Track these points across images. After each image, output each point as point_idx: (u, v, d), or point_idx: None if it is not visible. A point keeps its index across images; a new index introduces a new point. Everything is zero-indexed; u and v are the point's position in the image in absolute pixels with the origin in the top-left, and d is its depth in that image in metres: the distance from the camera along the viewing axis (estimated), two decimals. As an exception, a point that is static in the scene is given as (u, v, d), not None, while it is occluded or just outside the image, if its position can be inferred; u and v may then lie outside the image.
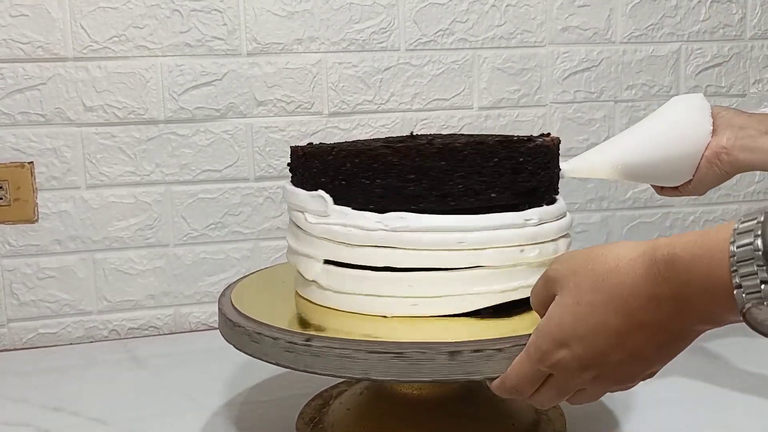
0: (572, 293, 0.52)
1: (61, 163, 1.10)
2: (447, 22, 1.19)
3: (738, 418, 0.80)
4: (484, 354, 0.58)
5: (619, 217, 1.30)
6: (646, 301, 0.48)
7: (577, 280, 0.52)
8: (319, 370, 0.62)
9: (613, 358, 0.51)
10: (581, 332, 0.51)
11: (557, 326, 0.53)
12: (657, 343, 0.50)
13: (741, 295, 0.42)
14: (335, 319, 0.69)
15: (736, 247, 0.42)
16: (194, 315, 1.17)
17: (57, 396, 0.91)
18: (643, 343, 0.50)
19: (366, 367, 0.60)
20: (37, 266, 1.11)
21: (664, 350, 0.51)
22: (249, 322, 0.67)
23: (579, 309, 0.51)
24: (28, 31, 1.07)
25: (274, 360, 0.64)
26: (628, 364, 0.51)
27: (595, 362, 0.52)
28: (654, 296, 0.47)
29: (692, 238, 0.46)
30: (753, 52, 1.31)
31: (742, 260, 0.42)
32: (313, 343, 0.62)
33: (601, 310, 0.50)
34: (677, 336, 0.49)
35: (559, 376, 0.54)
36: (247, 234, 1.17)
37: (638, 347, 0.50)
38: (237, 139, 1.15)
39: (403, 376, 0.60)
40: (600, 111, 1.27)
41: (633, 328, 0.49)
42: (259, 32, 1.14)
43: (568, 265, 0.53)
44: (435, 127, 1.21)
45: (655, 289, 0.47)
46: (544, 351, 0.53)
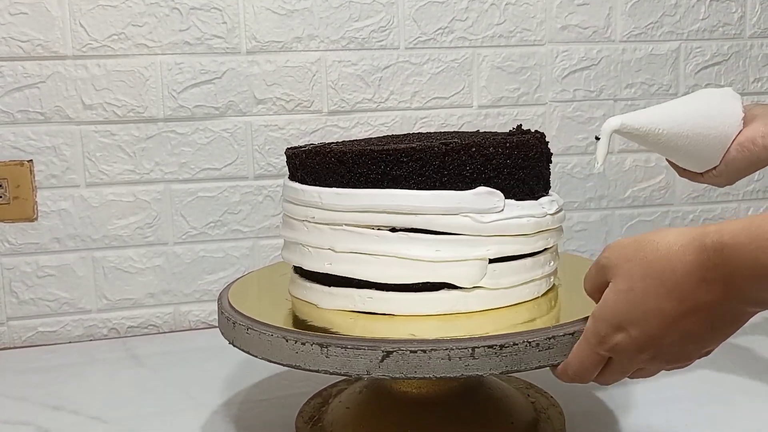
0: (625, 280, 0.55)
1: (61, 161, 1.10)
2: (447, 20, 1.19)
3: (738, 418, 0.80)
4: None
5: (618, 215, 1.30)
6: (697, 285, 0.51)
7: (630, 267, 0.55)
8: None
9: (667, 339, 0.54)
10: (636, 316, 0.54)
11: (613, 311, 0.55)
12: (709, 325, 0.52)
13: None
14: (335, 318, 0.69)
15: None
16: (194, 313, 1.17)
17: (57, 394, 0.91)
18: (696, 325, 0.52)
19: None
20: (36, 264, 1.11)
21: (716, 332, 0.53)
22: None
23: (633, 295, 0.54)
24: (28, 29, 1.07)
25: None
26: (682, 344, 0.54)
27: (650, 344, 0.54)
28: (705, 280, 0.50)
29: (740, 225, 0.48)
30: (752, 50, 1.31)
31: None
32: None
33: (654, 294, 0.53)
34: (729, 318, 0.52)
35: (617, 358, 0.57)
36: (247, 232, 1.17)
37: (691, 329, 0.53)
38: (236, 138, 1.15)
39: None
40: (599, 109, 1.27)
41: (686, 312, 0.52)
42: (258, 30, 1.14)
43: (620, 253, 0.56)
44: (434, 125, 1.21)
45: (705, 274, 0.50)
46: (603, 336, 0.56)
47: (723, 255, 0.49)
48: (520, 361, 0.60)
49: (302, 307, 0.74)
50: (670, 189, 1.31)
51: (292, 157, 0.74)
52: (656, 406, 0.82)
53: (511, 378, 0.85)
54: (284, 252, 0.76)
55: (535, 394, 0.82)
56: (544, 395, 0.82)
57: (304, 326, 0.68)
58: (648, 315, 0.53)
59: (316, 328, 0.67)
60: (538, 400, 0.81)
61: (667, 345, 0.54)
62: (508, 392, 0.79)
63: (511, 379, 0.84)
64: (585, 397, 0.85)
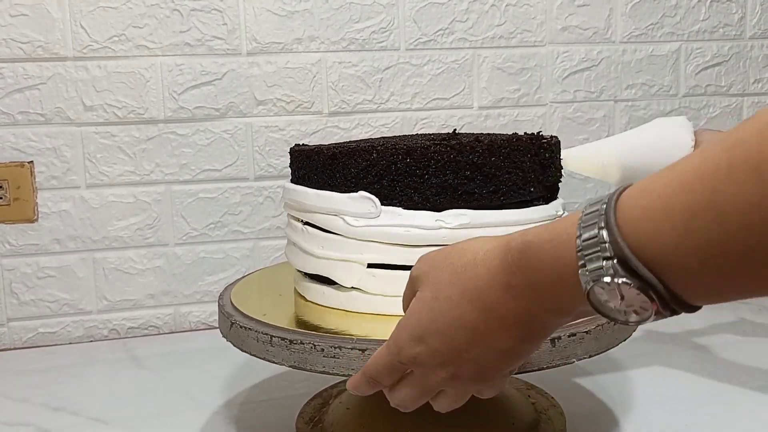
0: (431, 288, 0.51)
1: (61, 162, 1.10)
2: (447, 21, 1.19)
3: (738, 417, 0.80)
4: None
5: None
6: (502, 291, 0.47)
7: (436, 275, 0.51)
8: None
9: (470, 353, 0.50)
10: (438, 327, 0.50)
11: (415, 321, 0.52)
12: (515, 338, 0.48)
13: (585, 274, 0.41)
14: (334, 318, 0.69)
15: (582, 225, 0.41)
16: (194, 314, 1.17)
17: (57, 395, 0.91)
18: (501, 337, 0.48)
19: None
20: (36, 266, 1.11)
21: (521, 345, 0.49)
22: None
23: (437, 303, 0.50)
24: (28, 30, 1.07)
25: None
26: (485, 360, 0.50)
27: (452, 358, 0.50)
28: (509, 286, 0.46)
29: (547, 225, 0.45)
30: (753, 51, 1.31)
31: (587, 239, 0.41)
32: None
33: (458, 303, 0.49)
34: (534, 329, 0.48)
35: (416, 371, 0.53)
36: (247, 233, 1.17)
37: (496, 342, 0.49)
38: (237, 139, 1.15)
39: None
40: (600, 110, 1.27)
41: (490, 322, 0.48)
42: (258, 32, 1.14)
43: (429, 262, 0.53)
44: (435, 126, 1.21)
45: (510, 279, 0.46)
46: (401, 346, 0.52)
47: (526, 255, 0.45)
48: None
49: (303, 307, 0.74)
50: (671, 190, 1.30)
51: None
52: (656, 406, 0.82)
53: (512, 379, 0.85)
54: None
55: (535, 395, 0.82)
56: (544, 396, 0.82)
57: (304, 327, 0.69)
58: (450, 326, 0.49)
59: (316, 328, 0.67)
60: (539, 400, 0.81)
61: (470, 360, 0.50)
62: (509, 393, 0.79)
63: (511, 380, 0.84)
64: (585, 398, 0.85)
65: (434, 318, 0.50)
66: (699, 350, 0.98)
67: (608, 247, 0.39)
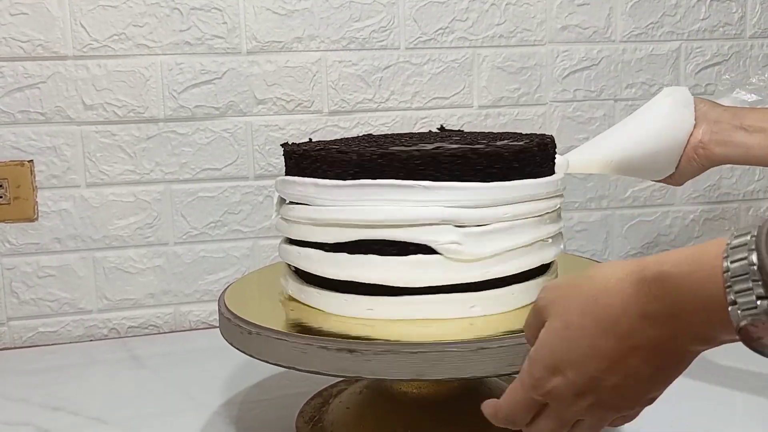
0: (561, 318, 0.50)
1: (61, 161, 1.10)
2: (447, 20, 1.19)
3: (739, 418, 0.80)
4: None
5: (618, 215, 1.30)
6: (638, 321, 0.46)
7: (566, 304, 0.50)
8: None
9: (607, 382, 0.49)
10: (573, 357, 0.49)
11: (549, 352, 0.51)
12: (653, 366, 0.48)
13: (736, 312, 0.41)
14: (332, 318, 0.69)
15: (729, 263, 0.41)
16: (194, 314, 1.17)
17: (57, 395, 0.91)
18: (638, 365, 0.48)
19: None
20: (37, 265, 1.11)
21: (660, 373, 0.49)
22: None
23: (569, 333, 0.50)
24: (28, 29, 1.07)
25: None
26: (624, 388, 0.49)
27: (589, 388, 0.49)
28: (645, 315, 0.46)
29: (682, 254, 0.44)
30: (753, 50, 1.31)
31: (736, 275, 0.41)
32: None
33: (592, 333, 0.48)
34: (673, 357, 0.48)
35: (554, 404, 0.52)
36: (247, 232, 1.17)
37: (633, 370, 0.48)
38: (237, 138, 1.15)
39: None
40: (600, 110, 1.27)
41: (626, 351, 0.47)
42: (258, 30, 1.14)
43: (556, 292, 0.52)
44: (435, 125, 1.21)
45: (646, 308, 0.46)
46: (537, 378, 0.51)
47: (664, 287, 0.44)
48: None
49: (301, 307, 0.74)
50: (671, 189, 1.31)
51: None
52: (657, 407, 0.82)
53: (512, 379, 0.85)
54: None
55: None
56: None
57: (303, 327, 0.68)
58: (586, 355, 0.49)
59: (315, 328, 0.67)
60: (539, 400, 0.81)
61: (608, 389, 0.49)
62: (509, 393, 0.79)
63: (511, 380, 0.84)
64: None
65: (568, 348, 0.50)
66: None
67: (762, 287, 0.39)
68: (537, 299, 0.54)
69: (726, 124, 0.81)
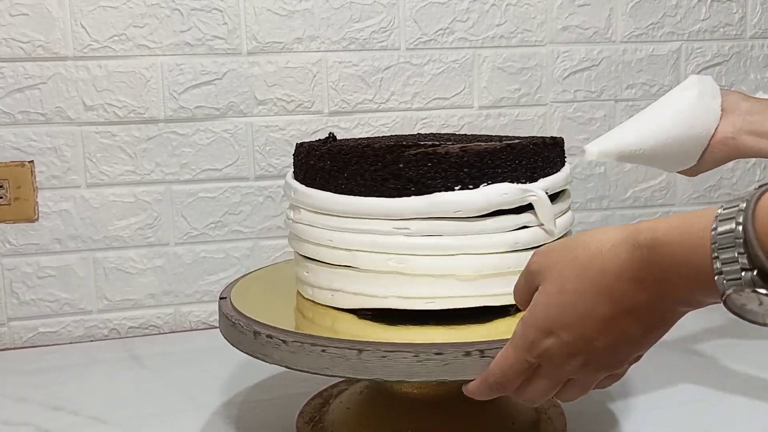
0: (556, 282, 0.52)
1: (62, 162, 1.10)
2: (447, 21, 1.19)
3: (739, 418, 0.80)
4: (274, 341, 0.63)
5: (619, 216, 1.30)
6: (630, 285, 0.48)
7: (560, 269, 0.52)
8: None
9: (599, 343, 0.51)
10: (567, 320, 0.51)
11: (543, 315, 0.53)
12: (643, 327, 0.50)
13: (722, 281, 0.42)
14: (332, 318, 0.69)
15: (717, 234, 0.42)
16: (194, 314, 1.17)
17: (57, 395, 0.91)
18: (630, 327, 0.50)
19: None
20: (37, 265, 1.11)
21: (650, 333, 0.51)
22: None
23: (564, 297, 0.51)
24: (29, 30, 1.07)
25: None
26: (615, 348, 0.52)
27: (582, 349, 0.52)
28: (638, 280, 0.48)
29: (674, 223, 0.46)
30: (753, 51, 1.31)
31: (723, 246, 0.42)
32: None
33: (586, 296, 0.50)
34: (661, 319, 0.50)
35: (546, 365, 0.54)
36: (247, 233, 1.17)
37: (625, 332, 0.50)
38: (237, 138, 1.15)
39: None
40: (600, 110, 1.27)
41: (619, 313, 0.49)
42: (259, 31, 1.14)
43: (550, 256, 0.54)
44: (435, 126, 1.21)
45: (638, 273, 0.48)
46: (532, 341, 0.53)
47: (655, 252, 0.46)
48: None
49: (302, 307, 0.74)
50: (671, 189, 1.31)
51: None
52: (657, 407, 0.82)
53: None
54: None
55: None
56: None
57: (303, 327, 0.69)
58: (581, 317, 0.51)
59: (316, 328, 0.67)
60: (539, 400, 0.81)
61: (600, 349, 0.52)
62: (509, 393, 0.79)
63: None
64: (585, 398, 0.85)
65: (563, 311, 0.51)
66: (699, 352, 0.98)
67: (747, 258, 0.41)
68: (529, 263, 0.55)
69: (760, 115, 0.79)
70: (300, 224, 0.72)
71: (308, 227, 0.71)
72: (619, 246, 0.49)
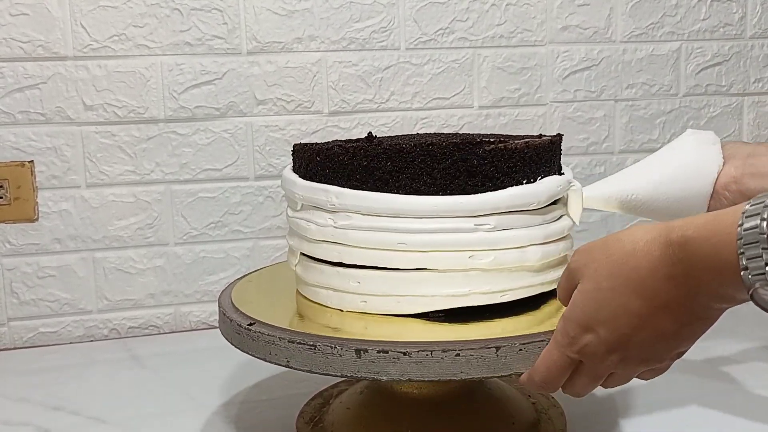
0: (592, 279, 0.54)
1: (62, 162, 1.10)
2: (447, 21, 1.19)
3: (738, 419, 0.80)
4: (389, 356, 0.59)
5: (619, 216, 1.30)
6: (664, 282, 0.50)
7: (597, 267, 0.54)
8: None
9: (636, 339, 0.53)
10: (604, 316, 0.53)
11: (581, 312, 0.55)
12: (678, 323, 0.51)
13: (748, 277, 0.44)
14: (333, 318, 0.69)
15: (743, 230, 0.44)
16: (194, 314, 1.17)
17: (57, 395, 0.91)
18: (665, 323, 0.51)
19: (287, 356, 0.63)
20: (37, 265, 1.11)
21: (687, 329, 0.52)
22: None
23: (600, 294, 0.53)
24: (29, 30, 1.07)
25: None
26: (652, 344, 0.53)
27: (620, 344, 0.53)
28: (670, 277, 0.49)
29: (704, 220, 0.48)
30: (753, 51, 1.31)
31: (748, 243, 0.44)
32: (252, 329, 0.64)
33: (621, 293, 0.52)
34: (698, 315, 0.51)
35: (587, 361, 0.56)
36: (247, 233, 1.17)
37: (660, 327, 0.52)
38: (237, 138, 1.15)
39: (317, 368, 0.62)
40: (600, 110, 1.27)
41: (653, 310, 0.51)
42: (259, 31, 1.14)
43: (587, 255, 0.56)
44: (435, 126, 1.21)
45: (671, 270, 0.49)
46: (572, 336, 0.55)
47: (686, 250, 0.48)
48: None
49: (303, 307, 0.74)
50: (671, 189, 1.30)
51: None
52: (657, 407, 0.82)
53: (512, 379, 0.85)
54: None
55: (536, 395, 0.82)
56: (544, 396, 0.82)
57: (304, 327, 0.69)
58: (616, 314, 0.53)
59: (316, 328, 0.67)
60: (539, 400, 0.81)
61: (637, 345, 0.53)
62: (509, 393, 0.79)
63: (512, 380, 0.84)
64: (586, 398, 0.85)
65: (600, 308, 0.53)
66: (700, 353, 0.98)
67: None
68: (570, 262, 0.58)
69: (762, 157, 0.79)
70: (351, 231, 0.67)
71: (366, 233, 0.67)
72: (652, 244, 0.50)
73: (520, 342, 0.60)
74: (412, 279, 0.67)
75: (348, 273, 0.68)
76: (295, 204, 0.73)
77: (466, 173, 0.66)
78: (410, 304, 0.67)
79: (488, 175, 0.66)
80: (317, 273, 0.71)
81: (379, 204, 0.66)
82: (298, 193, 0.71)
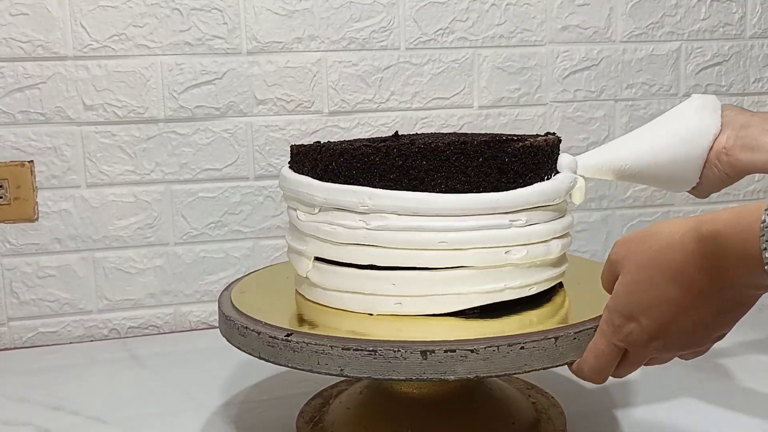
0: (632, 271, 0.57)
1: (61, 161, 1.10)
2: (447, 20, 1.19)
3: (739, 418, 0.80)
4: (457, 354, 0.59)
5: (619, 215, 1.30)
6: (697, 273, 0.52)
7: (636, 259, 0.57)
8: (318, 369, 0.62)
9: (676, 326, 0.56)
10: (645, 306, 0.56)
11: (624, 301, 0.58)
12: (716, 310, 0.54)
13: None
14: (330, 317, 0.69)
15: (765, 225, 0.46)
16: (194, 314, 1.17)
17: (57, 395, 0.91)
18: (703, 310, 0.54)
19: (341, 364, 0.60)
20: (37, 265, 1.11)
21: (724, 316, 0.55)
22: (248, 321, 0.67)
23: (640, 285, 0.56)
24: (28, 29, 1.07)
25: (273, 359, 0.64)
26: (692, 330, 0.56)
27: (661, 332, 0.56)
28: (703, 268, 0.52)
29: (732, 213, 0.50)
30: (753, 50, 1.31)
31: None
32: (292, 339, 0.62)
33: (659, 283, 0.55)
34: (734, 301, 0.54)
35: (632, 349, 0.59)
36: (247, 233, 1.17)
37: (699, 314, 0.54)
38: (237, 138, 1.15)
39: (377, 374, 0.60)
40: (600, 110, 1.27)
41: (690, 298, 0.54)
42: (259, 31, 1.14)
43: (627, 247, 0.59)
44: (435, 126, 1.21)
45: (703, 262, 0.52)
46: (617, 326, 0.58)
47: (716, 243, 0.50)
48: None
49: (302, 307, 0.74)
50: (671, 189, 1.30)
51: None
52: (657, 407, 0.82)
53: (512, 378, 0.85)
54: None
55: (535, 395, 0.82)
56: (544, 395, 0.82)
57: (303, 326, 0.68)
58: (655, 303, 0.55)
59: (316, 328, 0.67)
60: (539, 400, 0.81)
61: (677, 332, 0.56)
62: (509, 392, 0.79)
63: (511, 380, 0.84)
64: (586, 398, 0.85)
65: (639, 298, 0.57)
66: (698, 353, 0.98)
67: None
68: (610, 254, 0.61)
69: (755, 128, 0.77)
70: (387, 232, 0.66)
71: (403, 233, 0.66)
72: (685, 236, 0.53)
73: (574, 331, 0.62)
74: (449, 277, 0.67)
75: (381, 275, 0.67)
76: (311, 207, 0.70)
77: (498, 171, 0.67)
78: (446, 303, 0.67)
79: (518, 171, 0.68)
80: (341, 277, 0.69)
81: (419, 203, 0.65)
82: (317, 196, 0.68)
